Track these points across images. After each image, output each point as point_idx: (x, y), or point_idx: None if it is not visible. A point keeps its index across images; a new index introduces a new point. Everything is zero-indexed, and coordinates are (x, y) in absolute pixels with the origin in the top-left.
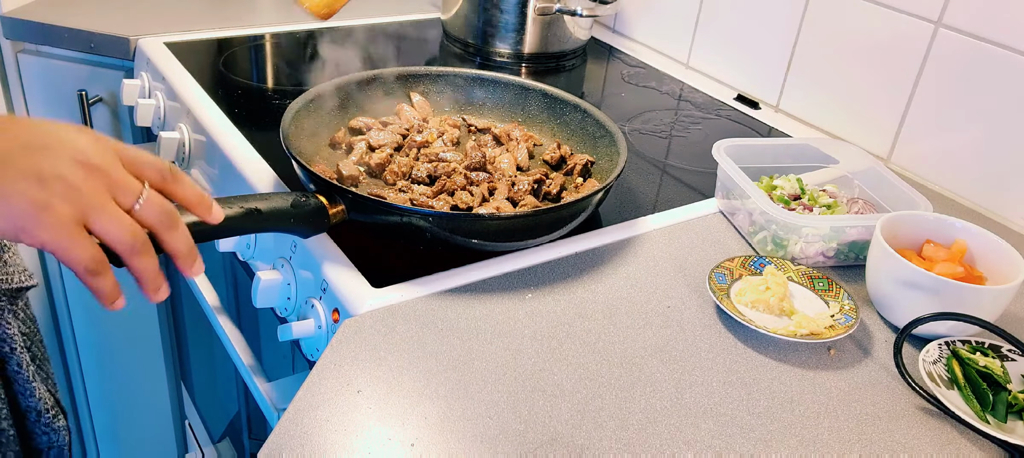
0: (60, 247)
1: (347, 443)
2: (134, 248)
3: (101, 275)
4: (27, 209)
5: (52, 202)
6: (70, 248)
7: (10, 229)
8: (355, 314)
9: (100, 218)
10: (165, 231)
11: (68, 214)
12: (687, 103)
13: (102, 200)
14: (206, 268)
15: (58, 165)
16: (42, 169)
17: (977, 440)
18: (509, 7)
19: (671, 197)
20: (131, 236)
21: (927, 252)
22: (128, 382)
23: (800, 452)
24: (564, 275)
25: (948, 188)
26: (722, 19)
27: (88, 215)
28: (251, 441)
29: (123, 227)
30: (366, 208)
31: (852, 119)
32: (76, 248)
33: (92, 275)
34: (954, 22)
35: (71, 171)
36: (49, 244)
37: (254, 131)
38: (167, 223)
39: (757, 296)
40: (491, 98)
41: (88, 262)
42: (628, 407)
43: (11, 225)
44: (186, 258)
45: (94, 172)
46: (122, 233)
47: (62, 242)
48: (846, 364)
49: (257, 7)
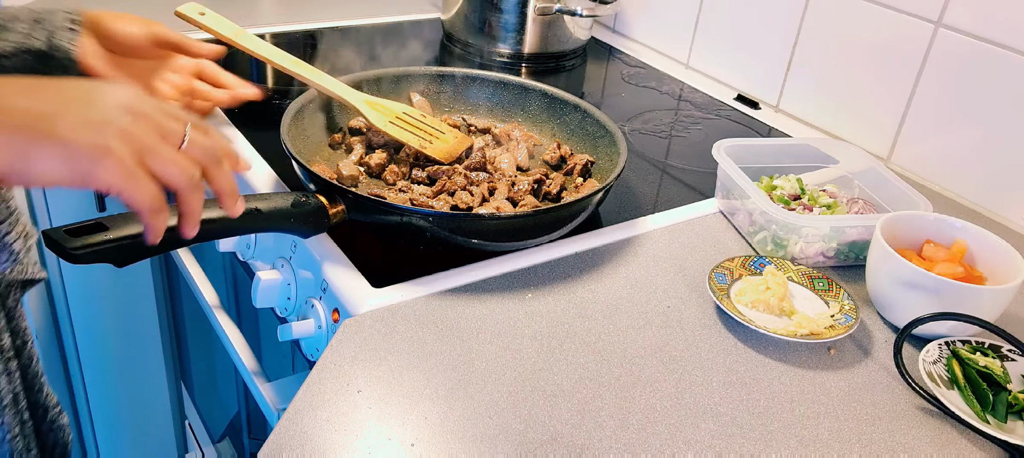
0: (126, 188)
1: (347, 443)
2: (190, 185)
3: (160, 213)
4: (91, 153)
5: (111, 146)
6: (136, 189)
7: (77, 175)
8: (355, 314)
9: (157, 159)
10: (213, 167)
11: (128, 156)
12: (687, 103)
13: (155, 142)
14: (206, 268)
15: (108, 113)
16: (95, 118)
17: (977, 440)
18: (509, 7)
19: (671, 197)
20: (187, 175)
21: (927, 252)
22: (128, 382)
23: (800, 452)
24: (564, 275)
25: (948, 188)
26: (722, 19)
27: (145, 157)
28: (251, 441)
29: (179, 166)
30: (366, 208)
31: (852, 119)
32: (141, 188)
33: (154, 214)
34: (954, 22)
35: (121, 118)
36: (116, 186)
37: (254, 131)
38: (213, 160)
39: (757, 296)
40: (491, 98)
41: (152, 201)
42: (628, 407)
43: (77, 172)
44: (231, 196)
45: (141, 117)
46: (179, 172)
47: (128, 183)
48: (846, 364)
49: (257, 7)
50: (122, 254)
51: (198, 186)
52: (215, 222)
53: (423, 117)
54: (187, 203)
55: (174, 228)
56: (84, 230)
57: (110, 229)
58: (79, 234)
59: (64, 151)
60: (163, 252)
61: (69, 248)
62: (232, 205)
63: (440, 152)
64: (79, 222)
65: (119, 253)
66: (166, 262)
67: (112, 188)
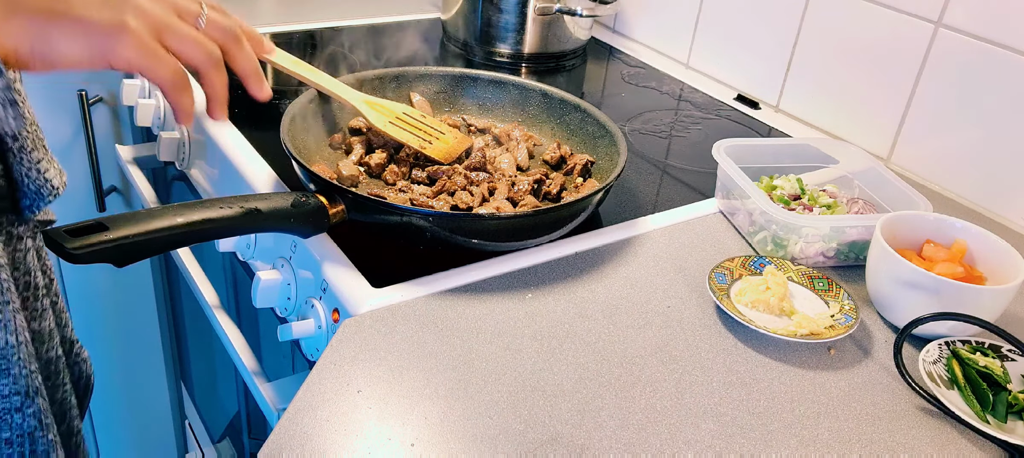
0: (146, 64)
1: (347, 443)
2: (210, 62)
3: (185, 90)
4: (108, 30)
5: (128, 22)
6: (155, 64)
7: (97, 53)
8: (355, 314)
9: (174, 35)
10: (232, 45)
11: (145, 32)
12: (687, 103)
13: (172, 19)
14: (206, 268)
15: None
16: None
17: (977, 440)
18: (509, 7)
19: (671, 197)
20: (206, 51)
21: (927, 252)
22: (128, 382)
23: (800, 452)
24: (564, 275)
25: (948, 188)
26: (722, 19)
27: (163, 33)
28: (251, 441)
29: (197, 42)
30: (366, 208)
31: (852, 119)
32: (161, 64)
33: (177, 89)
34: (954, 22)
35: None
36: (135, 62)
37: (254, 131)
38: (233, 39)
39: (757, 296)
40: (491, 98)
41: (173, 76)
42: (628, 407)
43: (97, 49)
44: (254, 76)
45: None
46: (197, 48)
47: (147, 59)
48: (846, 364)
49: (257, 7)
50: (122, 254)
51: (218, 64)
52: (215, 222)
53: (423, 117)
54: (210, 82)
55: (174, 227)
56: (84, 230)
57: (110, 229)
58: (79, 234)
59: (82, 28)
60: (163, 252)
61: (69, 248)
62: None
63: (440, 152)
64: (79, 222)
65: (119, 253)
66: (166, 262)
67: (132, 64)
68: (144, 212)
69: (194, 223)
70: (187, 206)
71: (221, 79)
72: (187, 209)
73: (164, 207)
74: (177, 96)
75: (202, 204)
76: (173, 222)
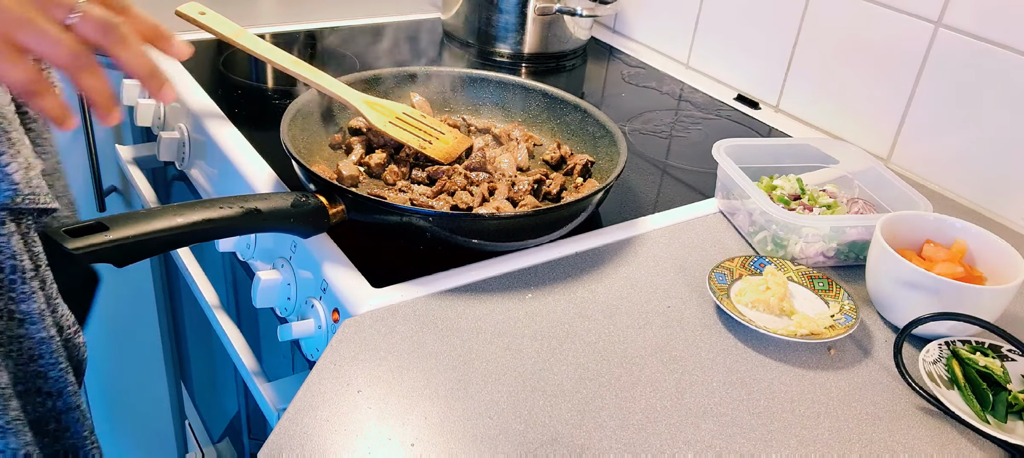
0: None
1: (347, 443)
2: (74, 63)
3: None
4: None
5: None
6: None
7: None
8: (355, 314)
9: (26, 33)
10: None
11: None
12: (687, 103)
13: (29, 15)
14: (206, 268)
15: None
16: None
17: (977, 440)
18: (509, 7)
19: (671, 197)
20: (66, 50)
21: (927, 252)
22: (128, 382)
23: (800, 452)
24: (564, 275)
25: (948, 188)
26: (722, 19)
27: (14, 32)
28: (251, 441)
29: (55, 41)
30: (366, 208)
31: (852, 119)
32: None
33: (32, 96)
34: (954, 22)
35: None
36: None
37: (254, 131)
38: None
39: (757, 296)
40: (491, 98)
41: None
42: (628, 407)
43: None
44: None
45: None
46: (56, 47)
47: None
48: (846, 364)
49: (257, 7)
50: (122, 254)
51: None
52: (215, 222)
53: (423, 117)
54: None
55: (174, 227)
56: (84, 230)
57: (110, 229)
58: (79, 234)
59: None
60: (163, 252)
61: (69, 248)
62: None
63: (440, 152)
64: (79, 222)
65: (119, 253)
66: (166, 262)
67: None
68: (144, 212)
69: (194, 223)
70: (187, 206)
71: (92, 82)
72: (187, 209)
73: (164, 207)
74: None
75: (202, 204)
76: (173, 222)
